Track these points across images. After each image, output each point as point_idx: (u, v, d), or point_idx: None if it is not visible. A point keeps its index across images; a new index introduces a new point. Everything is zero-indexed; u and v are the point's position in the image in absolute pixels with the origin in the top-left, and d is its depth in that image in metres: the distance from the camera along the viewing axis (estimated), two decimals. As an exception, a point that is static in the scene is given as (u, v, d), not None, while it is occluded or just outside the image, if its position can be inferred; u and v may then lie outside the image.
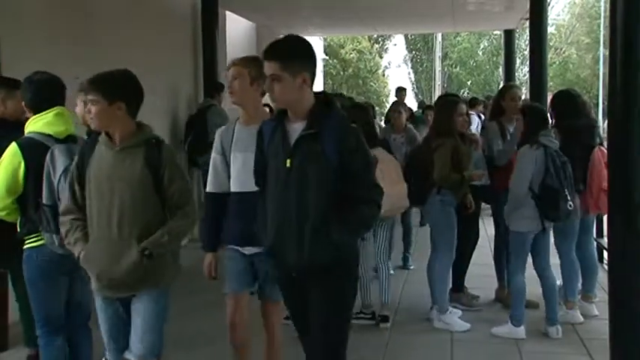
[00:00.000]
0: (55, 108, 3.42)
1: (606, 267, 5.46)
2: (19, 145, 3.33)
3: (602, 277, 5.49)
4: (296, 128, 2.70)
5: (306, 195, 2.64)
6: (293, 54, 2.67)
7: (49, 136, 3.34)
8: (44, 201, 3.24)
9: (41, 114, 3.40)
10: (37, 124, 3.38)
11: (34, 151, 3.29)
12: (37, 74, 3.51)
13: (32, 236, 3.35)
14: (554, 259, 5.33)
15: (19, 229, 3.40)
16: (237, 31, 10.81)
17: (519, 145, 4.90)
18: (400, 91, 11.92)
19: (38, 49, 5.39)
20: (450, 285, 5.31)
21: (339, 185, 2.64)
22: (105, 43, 6.38)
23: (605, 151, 4.96)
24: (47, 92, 3.45)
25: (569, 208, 4.62)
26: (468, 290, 5.58)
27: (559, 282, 5.49)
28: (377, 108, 28.07)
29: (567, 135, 5.02)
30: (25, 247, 3.38)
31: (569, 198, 4.61)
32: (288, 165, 2.66)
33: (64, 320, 3.45)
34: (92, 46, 6.17)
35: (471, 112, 12.27)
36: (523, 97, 6.68)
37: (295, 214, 2.65)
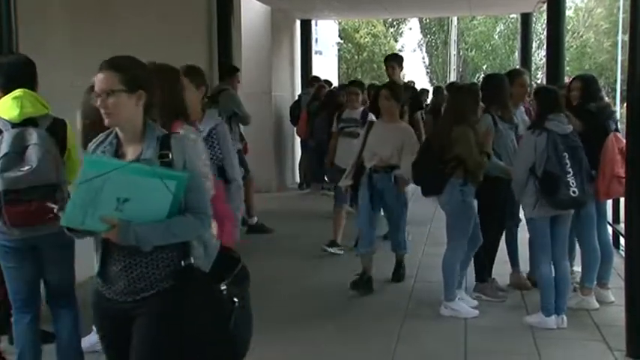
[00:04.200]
0: (15, 91, 3.36)
1: (622, 253, 5.43)
2: None
3: (618, 263, 5.46)
4: None
5: None
6: None
7: (6, 120, 3.31)
8: None
9: (3, 98, 3.37)
10: None
11: None
12: (4, 56, 3.53)
13: None
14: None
15: None
16: (252, 16, 10.77)
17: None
18: (390, 61, 7.64)
19: (56, 37, 5.41)
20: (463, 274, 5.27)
21: None
22: (119, 28, 6.37)
23: (621, 137, 4.92)
24: (11, 74, 3.43)
25: (573, 194, 4.46)
26: (495, 282, 5.44)
27: (577, 268, 5.46)
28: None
29: (583, 119, 4.97)
30: None
31: (572, 184, 4.47)
32: None
33: (33, 299, 3.53)
34: (108, 33, 6.17)
35: None
36: (539, 82, 6.62)
37: None
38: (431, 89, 14.95)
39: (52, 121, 3.41)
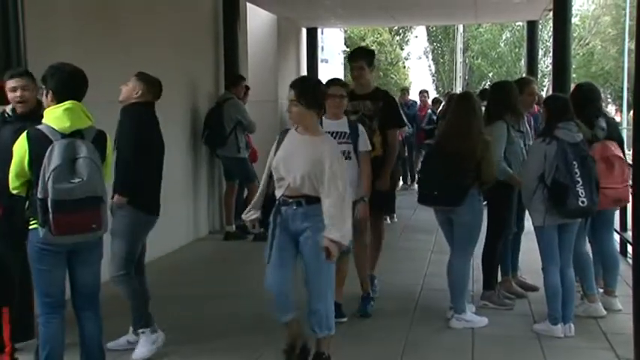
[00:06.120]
0: (66, 103, 3.47)
1: (630, 261, 5.40)
2: (27, 135, 3.44)
3: (626, 271, 5.43)
4: None
5: None
6: None
7: (56, 130, 3.42)
8: (37, 194, 3.32)
9: (54, 107, 3.47)
10: (48, 117, 3.47)
11: (39, 143, 3.38)
12: (64, 65, 3.59)
13: (33, 219, 3.47)
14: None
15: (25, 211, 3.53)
16: (258, 24, 10.81)
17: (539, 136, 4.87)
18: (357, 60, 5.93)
19: (63, 44, 5.43)
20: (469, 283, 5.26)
21: None
22: (128, 37, 6.41)
23: (610, 146, 4.88)
24: (69, 84, 3.53)
25: (581, 205, 4.44)
26: (501, 291, 5.40)
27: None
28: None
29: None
30: (29, 227, 3.51)
31: (581, 194, 4.44)
32: None
33: (62, 300, 3.59)
34: (116, 39, 6.20)
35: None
36: (546, 89, 6.62)
37: None
38: (433, 96, 14.94)
39: (97, 133, 3.56)
